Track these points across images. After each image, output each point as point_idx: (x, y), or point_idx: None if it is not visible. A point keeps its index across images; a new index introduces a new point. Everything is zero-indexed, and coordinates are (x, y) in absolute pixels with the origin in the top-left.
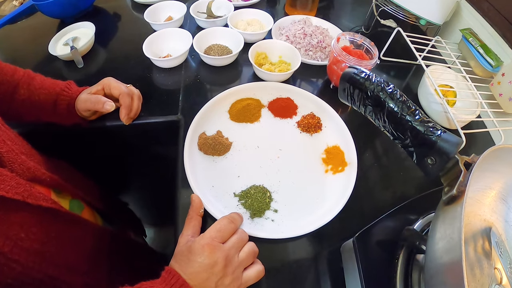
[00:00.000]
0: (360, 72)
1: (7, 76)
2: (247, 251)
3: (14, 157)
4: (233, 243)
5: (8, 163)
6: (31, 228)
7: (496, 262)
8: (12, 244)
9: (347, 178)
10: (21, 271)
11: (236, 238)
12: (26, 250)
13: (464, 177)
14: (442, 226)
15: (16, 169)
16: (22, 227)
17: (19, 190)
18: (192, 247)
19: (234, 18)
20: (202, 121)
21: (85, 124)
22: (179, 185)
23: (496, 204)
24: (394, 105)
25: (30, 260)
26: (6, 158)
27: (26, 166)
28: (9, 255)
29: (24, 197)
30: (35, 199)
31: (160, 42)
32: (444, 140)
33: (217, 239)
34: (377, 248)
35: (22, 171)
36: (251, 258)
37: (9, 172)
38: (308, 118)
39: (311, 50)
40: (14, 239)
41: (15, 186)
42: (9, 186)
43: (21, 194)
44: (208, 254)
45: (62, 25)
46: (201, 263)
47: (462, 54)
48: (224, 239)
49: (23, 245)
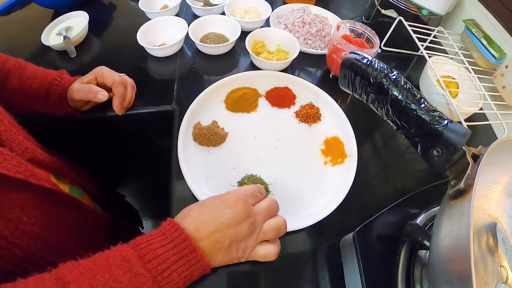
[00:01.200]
0: (362, 58)
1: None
2: (273, 225)
3: (12, 136)
4: (262, 209)
5: (7, 142)
6: (32, 212)
7: (502, 259)
8: (13, 227)
9: (347, 170)
10: (23, 256)
11: (265, 206)
12: (28, 234)
13: (472, 170)
14: (448, 222)
15: (15, 149)
16: (24, 209)
17: (21, 169)
18: (224, 196)
19: (231, 6)
20: (197, 111)
21: (78, 114)
22: (173, 177)
23: (501, 199)
24: (398, 92)
25: (32, 246)
26: (5, 137)
27: (24, 147)
28: (11, 239)
29: (26, 176)
30: (37, 179)
31: (155, 31)
32: (451, 130)
33: (250, 199)
34: (378, 243)
35: (21, 151)
36: (274, 234)
37: (9, 151)
38: (306, 108)
39: (310, 39)
40: (16, 222)
41: (17, 165)
42: (10, 165)
43: (23, 173)
44: (240, 209)
45: (56, 15)
46: (228, 214)
47: (465, 45)
48: (255, 202)
49: (25, 229)
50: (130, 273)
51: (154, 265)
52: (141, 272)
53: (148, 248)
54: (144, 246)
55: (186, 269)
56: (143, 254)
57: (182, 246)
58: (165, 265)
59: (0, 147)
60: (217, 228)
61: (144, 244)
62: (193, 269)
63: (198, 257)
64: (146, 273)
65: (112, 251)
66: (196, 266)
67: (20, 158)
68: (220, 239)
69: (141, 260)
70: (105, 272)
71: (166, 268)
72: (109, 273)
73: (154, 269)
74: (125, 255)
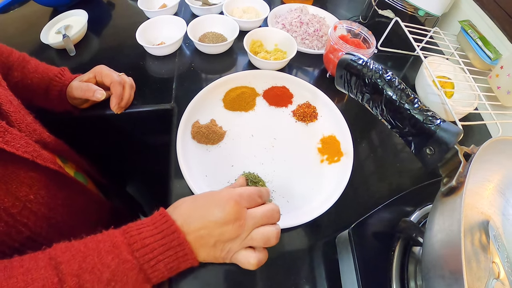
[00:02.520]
0: (358, 58)
1: (2, 57)
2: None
3: (21, 118)
4: (257, 215)
5: (16, 123)
6: (39, 191)
7: (494, 256)
8: (21, 205)
9: (343, 168)
10: (29, 235)
11: (262, 212)
12: (34, 213)
13: (464, 168)
14: (440, 218)
15: (24, 130)
16: (31, 188)
17: (29, 149)
18: (215, 194)
19: (229, 5)
20: (195, 110)
21: (77, 112)
22: (172, 174)
23: (494, 197)
24: (392, 93)
25: (38, 225)
26: (14, 118)
27: (32, 128)
28: (18, 217)
29: (33, 157)
30: (43, 160)
31: (154, 30)
32: (443, 129)
33: (244, 201)
34: (373, 240)
35: (29, 132)
36: (261, 243)
37: (18, 132)
38: (303, 107)
39: (307, 38)
40: (24, 200)
41: (25, 145)
42: (19, 144)
43: (31, 153)
44: (229, 209)
45: (55, 13)
46: (215, 214)
47: (461, 46)
48: (250, 206)
49: (32, 207)
50: (118, 259)
51: (141, 253)
52: (129, 259)
53: (137, 236)
54: (134, 234)
55: (172, 260)
56: (132, 242)
57: (170, 238)
58: (152, 254)
59: (10, 127)
60: (204, 224)
61: (134, 232)
62: (180, 261)
63: (186, 250)
64: (133, 260)
65: (103, 235)
66: (184, 258)
67: (29, 139)
68: (205, 235)
69: (130, 247)
70: (94, 256)
71: (153, 258)
72: (99, 257)
73: (141, 258)
74: (115, 241)
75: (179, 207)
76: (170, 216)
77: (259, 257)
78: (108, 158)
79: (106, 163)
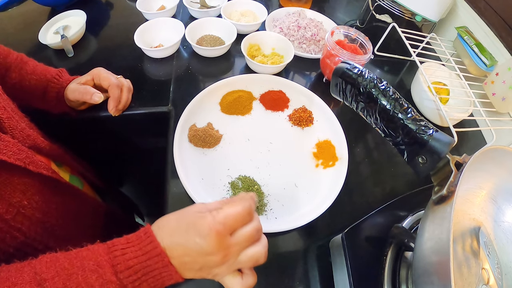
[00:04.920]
0: (353, 67)
1: (0, 58)
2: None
3: (15, 124)
4: (242, 240)
5: (9, 129)
6: (33, 196)
7: (484, 262)
8: (15, 211)
9: (338, 173)
10: (23, 240)
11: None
12: (29, 218)
13: (455, 177)
14: (431, 226)
15: (17, 136)
16: (25, 194)
17: (21, 156)
18: (197, 222)
19: (227, 8)
20: (192, 113)
21: (74, 114)
22: (168, 177)
23: (485, 204)
24: (386, 102)
25: (32, 230)
26: (7, 125)
27: (26, 134)
28: (12, 223)
29: (25, 164)
30: (36, 166)
31: (152, 32)
32: (435, 139)
33: (228, 229)
34: (366, 244)
35: (23, 138)
36: (250, 265)
37: (11, 139)
38: (299, 112)
39: (304, 43)
40: (17, 206)
41: (17, 152)
42: (11, 151)
43: (23, 160)
44: (211, 242)
45: (53, 13)
46: (197, 244)
47: (457, 52)
48: (235, 229)
49: (26, 213)
50: (102, 279)
51: (125, 275)
52: (113, 280)
53: (121, 257)
54: (118, 254)
55: (156, 279)
56: (116, 263)
57: (155, 260)
58: (136, 276)
59: (2, 134)
60: (186, 252)
61: (118, 252)
62: (164, 280)
63: (170, 272)
64: (117, 281)
65: (88, 252)
66: (168, 278)
67: (21, 145)
68: (189, 262)
69: (113, 268)
70: (79, 274)
71: (136, 279)
72: (83, 276)
73: (125, 279)
74: (99, 260)
75: (162, 227)
76: (155, 236)
77: (245, 285)
78: (105, 160)
79: (102, 164)
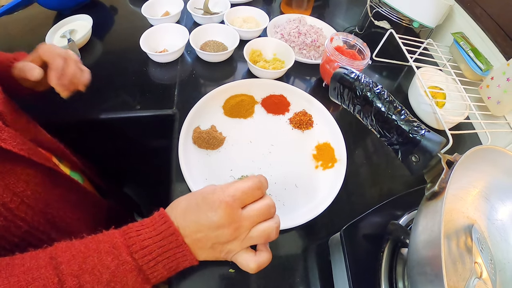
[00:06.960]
0: (350, 72)
1: None
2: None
3: (16, 118)
4: (253, 214)
5: (11, 122)
6: (36, 187)
7: (477, 256)
8: (19, 200)
9: (337, 174)
10: (27, 230)
11: (258, 209)
12: (32, 208)
13: (446, 175)
14: (424, 220)
15: (19, 129)
16: (28, 184)
17: (24, 147)
18: (208, 197)
19: (230, 15)
20: (196, 116)
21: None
22: (173, 178)
23: (479, 202)
24: (381, 104)
25: (35, 220)
26: (9, 118)
27: (27, 128)
28: (16, 212)
29: (29, 154)
30: (39, 157)
31: (157, 37)
32: (427, 139)
33: (238, 202)
34: (364, 241)
35: (24, 131)
36: (262, 241)
37: (14, 131)
38: (300, 115)
39: (305, 48)
40: (21, 196)
41: (20, 143)
42: (15, 142)
43: (26, 151)
44: (222, 214)
45: (59, 17)
46: (208, 218)
47: (453, 57)
48: (245, 203)
49: (29, 203)
50: (118, 260)
51: (140, 255)
52: (128, 260)
53: (136, 238)
54: (133, 235)
55: (171, 261)
56: (131, 244)
57: (169, 240)
58: (151, 256)
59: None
60: (199, 228)
61: (133, 233)
62: (179, 261)
63: (185, 251)
64: (133, 262)
65: (103, 236)
66: (183, 259)
67: (24, 137)
68: (202, 238)
69: (129, 249)
70: (94, 257)
71: (152, 259)
72: (98, 258)
73: (140, 259)
74: (115, 242)
75: (175, 208)
76: (169, 217)
77: (259, 261)
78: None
79: (105, 164)
